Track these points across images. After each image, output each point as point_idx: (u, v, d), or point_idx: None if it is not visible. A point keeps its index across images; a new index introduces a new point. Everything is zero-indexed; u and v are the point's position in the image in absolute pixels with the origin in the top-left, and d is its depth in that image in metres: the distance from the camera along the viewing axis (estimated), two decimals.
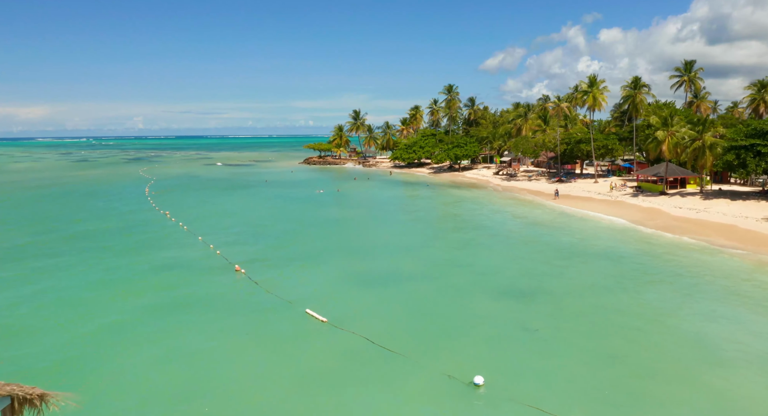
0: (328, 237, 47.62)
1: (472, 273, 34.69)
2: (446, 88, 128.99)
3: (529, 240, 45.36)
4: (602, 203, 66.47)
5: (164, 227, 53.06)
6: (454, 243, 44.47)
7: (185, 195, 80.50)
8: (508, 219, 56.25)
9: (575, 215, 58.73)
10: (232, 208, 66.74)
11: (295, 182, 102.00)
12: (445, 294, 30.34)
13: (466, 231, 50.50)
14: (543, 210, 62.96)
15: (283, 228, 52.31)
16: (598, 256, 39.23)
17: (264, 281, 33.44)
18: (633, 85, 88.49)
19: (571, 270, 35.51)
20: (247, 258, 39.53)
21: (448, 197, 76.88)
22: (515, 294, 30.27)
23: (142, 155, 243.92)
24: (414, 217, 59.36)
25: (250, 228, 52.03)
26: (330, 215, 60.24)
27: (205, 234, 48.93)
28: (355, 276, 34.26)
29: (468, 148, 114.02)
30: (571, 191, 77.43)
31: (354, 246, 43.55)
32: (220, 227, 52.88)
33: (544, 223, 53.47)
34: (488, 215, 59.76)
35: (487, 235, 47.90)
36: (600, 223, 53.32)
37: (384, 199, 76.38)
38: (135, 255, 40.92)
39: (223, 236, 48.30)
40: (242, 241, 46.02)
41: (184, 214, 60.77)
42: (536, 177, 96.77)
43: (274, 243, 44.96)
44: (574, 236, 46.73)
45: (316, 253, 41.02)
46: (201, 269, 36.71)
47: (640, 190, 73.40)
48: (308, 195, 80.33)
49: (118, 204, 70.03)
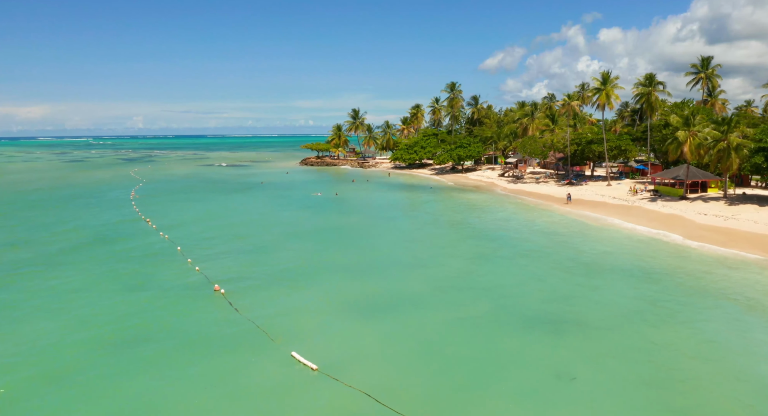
0: (322, 250, 42.83)
1: (489, 298, 29.87)
2: (449, 86, 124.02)
3: (546, 253, 40.59)
4: (618, 209, 61.73)
5: (143, 236, 48.29)
6: (465, 258, 39.66)
7: (173, 198, 75.70)
8: (520, 228, 51.47)
9: (592, 223, 53.95)
10: (221, 213, 61.95)
11: (291, 184, 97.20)
12: (460, 327, 25.53)
13: (476, 242, 45.73)
14: (556, 216, 58.19)
15: (274, 238, 47.50)
16: (628, 273, 34.47)
17: (246, 306, 28.69)
18: (647, 82, 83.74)
19: (600, 291, 30.75)
20: (229, 276, 34.78)
21: (452, 202, 72.10)
22: (541, 325, 25.50)
23: (137, 155, 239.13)
24: (418, 225, 54.59)
25: (237, 238, 47.24)
26: (326, 223, 55.44)
27: (186, 244, 44.20)
28: (352, 302, 29.45)
29: (472, 148, 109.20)
30: (583, 195, 72.67)
31: (352, 261, 38.75)
32: (205, 236, 48.11)
33: (560, 232, 48.72)
34: (498, 222, 54.98)
35: (500, 247, 43.12)
36: (621, 232, 48.57)
37: (384, 203, 71.59)
38: (101, 272, 36.11)
39: (206, 247, 43.56)
40: (227, 254, 41.25)
41: (167, 221, 56.02)
42: (544, 179, 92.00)
43: (262, 257, 40.17)
44: (596, 248, 41.99)
45: (309, 270, 36.24)
46: (175, 290, 31.94)
47: (658, 194, 68.66)
48: (304, 199, 75.53)
49: (98, 209, 65.23)
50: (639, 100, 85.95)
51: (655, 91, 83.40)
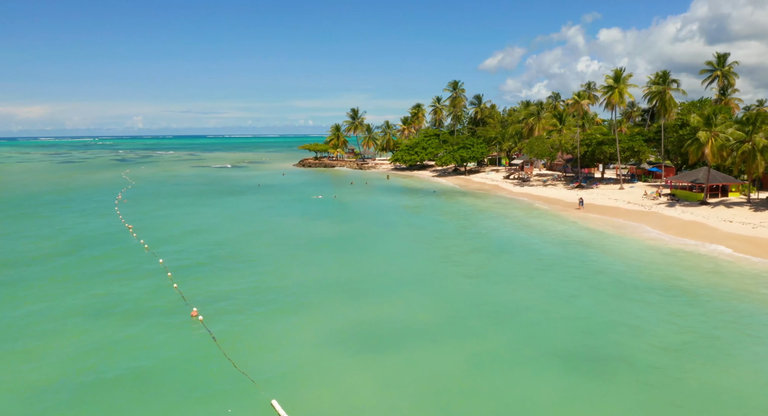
0: (315, 264, 38.62)
1: (511, 326, 25.64)
2: (451, 85, 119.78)
3: (568, 267, 36.44)
4: (635, 215, 57.62)
5: (121, 246, 44.13)
6: (476, 275, 35.48)
7: (161, 203, 71.51)
8: (534, 237, 47.31)
9: (611, 231, 49.79)
10: (210, 219, 57.78)
11: (286, 187, 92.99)
12: (479, 367, 21.33)
13: (487, 254, 41.57)
14: (570, 224, 54.04)
15: (263, 249, 43.29)
16: (665, 293, 30.34)
17: (226, 336, 24.55)
18: (661, 79, 79.70)
19: (639, 317, 26.57)
20: (210, 296, 30.64)
21: (457, 207, 67.94)
22: (580, 363, 21.33)
23: (134, 156, 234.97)
24: (421, 234, 50.41)
25: (224, 248, 43.07)
26: (320, 231, 51.23)
27: (168, 256, 40.06)
28: (347, 333, 25.25)
29: (475, 149, 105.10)
30: (595, 199, 68.55)
31: (347, 278, 34.53)
32: (189, 246, 43.95)
33: (579, 242, 44.58)
34: (508, 230, 50.83)
35: (515, 260, 38.96)
36: (643, 242, 44.42)
37: (384, 209, 67.43)
38: (65, 290, 31.90)
39: (189, 259, 39.40)
40: (211, 267, 37.08)
41: (151, 228, 51.88)
42: (552, 182, 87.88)
43: (249, 272, 35.99)
44: (621, 261, 37.86)
45: (300, 290, 32.06)
46: (146, 315, 27.76)
47: (675, 199, 64.59)
48: (298, 203, 71.35)
49: (79, 214, 61.01)
50: (652, 99, 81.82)
51: (669, 90, 79.37)
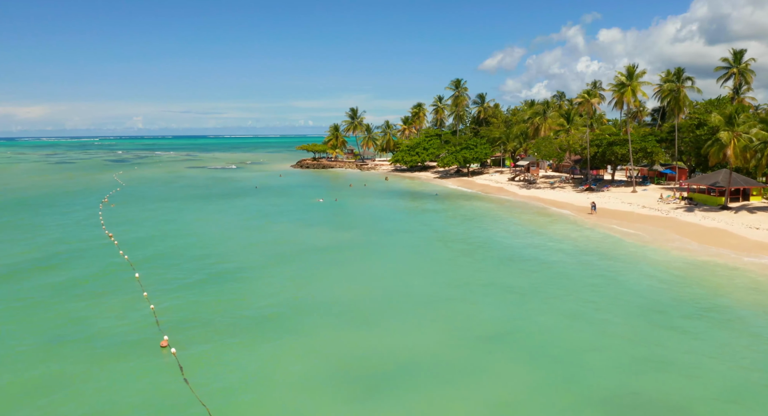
0: (309, 280, 34.82)
1: (536, 362, 21.73)
2: (453, 83, 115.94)
3: (591, 284, 32.70)
4: (653, 221, 53.90)
5: (99, 257, 40.38)
6: (489, 294, 31.69)
7: (149, 207, 67.75)
8: (548, 247, 43.54)
9: (632, 239, 46.00)
10: (200, 227, 54.02)
11: (282, 190, 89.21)
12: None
13: (498, 268, 37.81)
14: (586, 231, 50.32)
15: (253, 261, 39.47)
16: (707, 315, 26.62)
17: (199, 373, 20.83)
18: (675, 77, 75.91)
19: (688, 349, 22.75)
20: (188, 320, 26.92)
21: (462, 212, 64.15)
22: (628, 413, 17.60)
23: (129, 156, 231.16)
24: (423, 244, 46.62)
25: (210, 260, 39.32)
26: (315, 240, 47.40)
27: (148, 269, 36.37)
28: (341, 369, 21.46)
29: (478, 150, 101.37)
30: (607, 203, 64.83)
31: (343, 299, 30.69)
32: (174, 257, 40.22)
33: (599, 253, 40.85)
34: (519, 239, 47.05)
35: (531, 276, 35.16)
36: (669, 253, 40.69)
37: (384, 214, 63.70)
38: (26, 311, 28.13)
39: (170, 273, 35.67)
40: (193, 284, 33.33)
41: (134, 236, 48.15)
42: (560, 184, 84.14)
43: (234, 290, 32.23)
44: (649, 275, 34.15)
45: (289, 312, 28.29)
46: (111, 345, 24.03)
47: (693, 203, 60.88)
48: (294, 208, 67.61)
49: (59, 219, 57.21)
50: (665, 97, 78.01)
51: (683, 88, 75.59)
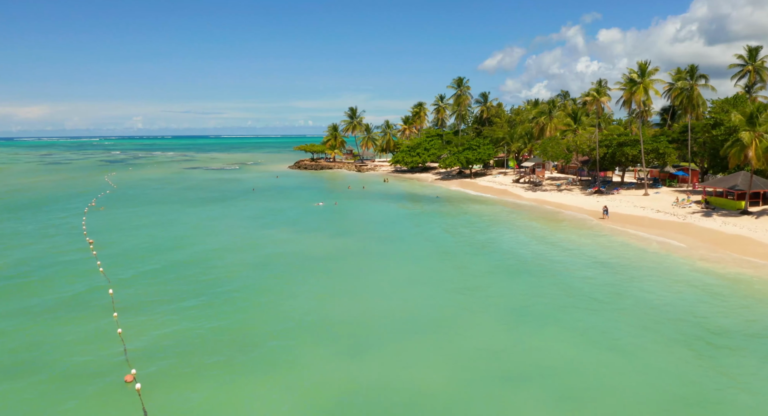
0: (301, 297, 31.38)
1: (573, 408, 18.29)
2: (455, 82, 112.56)
3: (618, 303, 29.29)
4: (670, 227, 50.52)
5: (73, 269, 36.99)
6: (504, 316, 28.17)
7: (137, 211, 64.35)
8: (563, 257, 40.09)
9: (654, 248, 42.61)
10: (188, 233, 50.63)
11: (279, 192, 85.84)
12: None
13: (512, 281, 34.35)
14: (601, 238, 46.88)
15: (240, 276, 35.93)
16: (757, 343, 23.24)
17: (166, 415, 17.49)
18: (689, 74, 72.72)
19: (752, 389, 19.39)
20: (160, 349, 23.54)
21: (466, 216, 60.72)
22: None
23: (125, 156, 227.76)
24: (427, 253, 43.16)
25: (195, 275, 35.90)
26: (309, 249, 43.93)
27: (124, 284, 33.00)
28: (335, 412, 18.15)
29: (481, 150, 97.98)
30: (618, 207, 61.42)
31: (341, 321, 27.24)
32: (154, 269, 36.83)
33: (620, 263, 37.41)
34: (531, 247, 43.59)
35: (550, 290, 31.72)
36: (696, 264, 37.28)
37: (383, 219, 60.32)
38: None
39: (148, 289, 32.30)
40: (172, 302, 29.94)
41: (115, 244, 44.78)
42: (567, 186, 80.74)
43: (217, 310, 28.81)
44: (679, 291, 30.75)
45: (277, 337, 24.88)
46: (67, 375, 20.66)
47: (710, 207, 57.52)
48: (290, 212, 64.23)
49: (40, 224, 53.80)
50: (678, 96, 74.82)
51: (697, 86, 72.41)
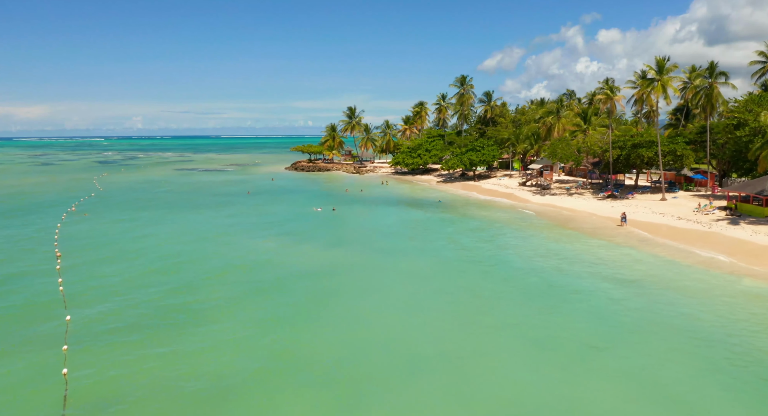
0: (287, 329, 26.83)
1: None
2: (458, 80, 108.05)
3: (664, 332, 24.77)
4: (694, 236, 46.10)
5: (29, 287, 32.51)
6: (525, 352, 23.59)
7: (120, 216, 59.85)
8: (587, 273, 35.53)
9: (687, 260, 38.16)
10: (170, 244, 46.12)
11: (276, 196, 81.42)
12: None
13: (532, 307, 29.76)
14: (624, 249, 42.37)
15: (219, 297, 31.33)
16: None
17: None
18: (708, 72, 68.27)
19: None
20: (111, 397, 19.14)
21: (472, 225, 56.17)
22: None
23: (120, 157, 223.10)
24: (429, 271, 38.48)
25: (168, 297, 31.39)
26: (302, 264, 39.40)
27: (85, 307, 28.62)
28: None
29: (486, 151, 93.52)
30: (636, 213, 56.94)
31: (331, 358, 22.69)
32: (122, 290, 32.34)
33: (654, 281, 32.88)
34: (548, 262, 38.90)
35: (577, 321, 27.18)
36: (741, 282, 32.78)
37: (381, 227, 55.81)
38: None
39: (111, 315, 27.84)
40: (135, 333, 25.45)
41: (87, 256, 40.36)
42: (577, 190, 76.30)
43: (188, 346, 24.26)
44: (737, 318, 26.27)
45: (256, 385, 20.32)
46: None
47: (736, 214, 53.10)
48: (283, 219, 59.81)
49: (10, 232, 49.08)
50: (696, 95, 70.36)
51: (716, 84, 67.96)
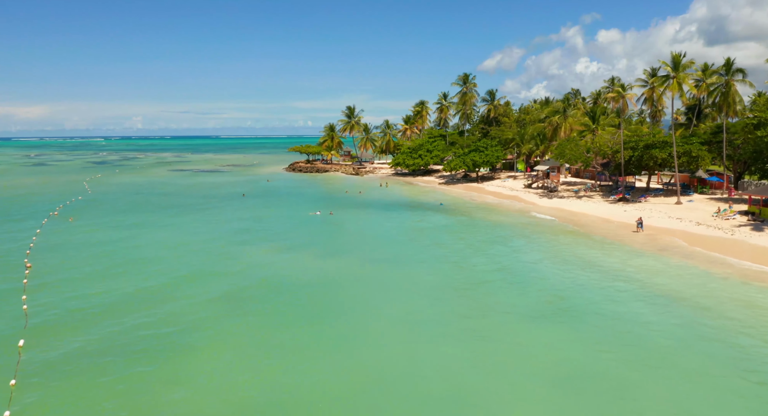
0: (272, 362, 23.42)
1: None
2: (461, 78, 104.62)
3: (712, 364, 21.39)
4: (718, 244, 42.81)
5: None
6: (559, 392, 20.06)
7: (104, 221, 56.43)
8: (612, 288, 32.03)
9: (722, 272, 34.62)
10: (152, 252, 42.70)
11: (272, 199, 78.05)
12: None
13: (561, 333, 26.20)
14: (647, 258, 38.86)
15: (200, 319, 27.92)
16: None
17: None
18: (724, 68, 64.91)
19: None
20: None
21: (476, 230, 52.74)
22: None
23: (115, 158, 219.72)
24: (436, 285, 35.04)
25: (139, 318, 27.95)
26: (295, 277, 36.00)
27: (43, 331, 25.22)
28: None
29: (489, 152, 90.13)
30: (651, 218, 53.55)
31: (323, 398, 19.32)
32: (89, 310, 28.90)
33: (687, 297, 29.41)
34: (566, 275, 35.39)
35: (615, 349, 23.79)
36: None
37: (382, 233, 52.41)
38: None
39: (71, 340, 24.46)
40: (93, 367, 22.04)
41: (59, 268, 36.95)
42: (585, 193, 72.91)
43: (153, 384, 20.86)
44: None
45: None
46: None
47: (759, 219, 49.77)
48: (278, 223, 56.43)
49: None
50: (712, 93, 67.01)
51: (734, 82, 64.60)
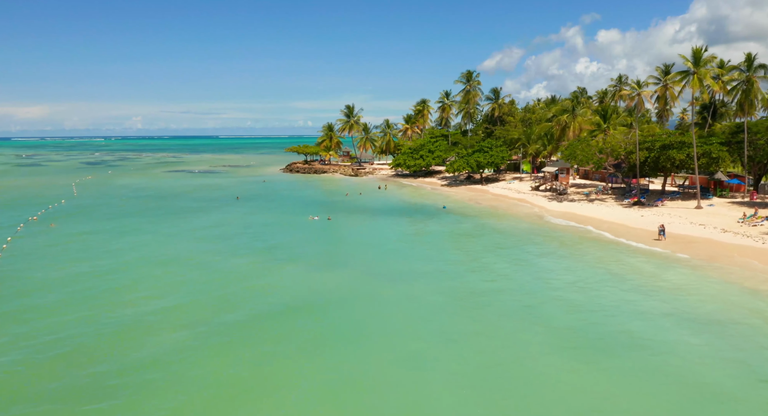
0: (254, 400, 19.88)
1: None
2: (464, 76, 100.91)
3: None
4: (748, 253, 39.21)
5: None
6: None
7: (87, 227, 52.70)
8: (650, 311, 28.23)
9: (765, 291, 31.07)
10: (131, 263, 38.98)
11: (268, 202, 74.37)
12: None
13: (596, 372, 22.61)
14: (682, 271, 35.20)
15: (173, 344, 24.26)
16: None
17: None
18: (746, 64, 61.27)
19: None
20: None
21: (481, 237, 48.99)
22: None
23: (109, 158, 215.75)
24: (442, 306, 31.25)
25: (108, 345, 24.30)
26: (283, 294, 32.37)
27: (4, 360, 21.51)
28: None
29: (494, 153, 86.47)
30: (671, 224, 49.82)
31: None
32: (51, 337, 25.25)
33: (739, 321, 25.80)
34: (591, 294, 31.71)
35: (662, 392, 20.11)
36: None
37: (382, 241, 48.73)
38: None
39: (22, 374, 20.78)
40: (53, 397, 18.38)
41: (24, 283, 33.28)
42: (597, 196, 69.25)
43: None
44: None
45: None
46: None
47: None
48: (272, 230, 52.74)
49: None
50: (732, 91, 63.37)
51: (755, 78, 60.97)
